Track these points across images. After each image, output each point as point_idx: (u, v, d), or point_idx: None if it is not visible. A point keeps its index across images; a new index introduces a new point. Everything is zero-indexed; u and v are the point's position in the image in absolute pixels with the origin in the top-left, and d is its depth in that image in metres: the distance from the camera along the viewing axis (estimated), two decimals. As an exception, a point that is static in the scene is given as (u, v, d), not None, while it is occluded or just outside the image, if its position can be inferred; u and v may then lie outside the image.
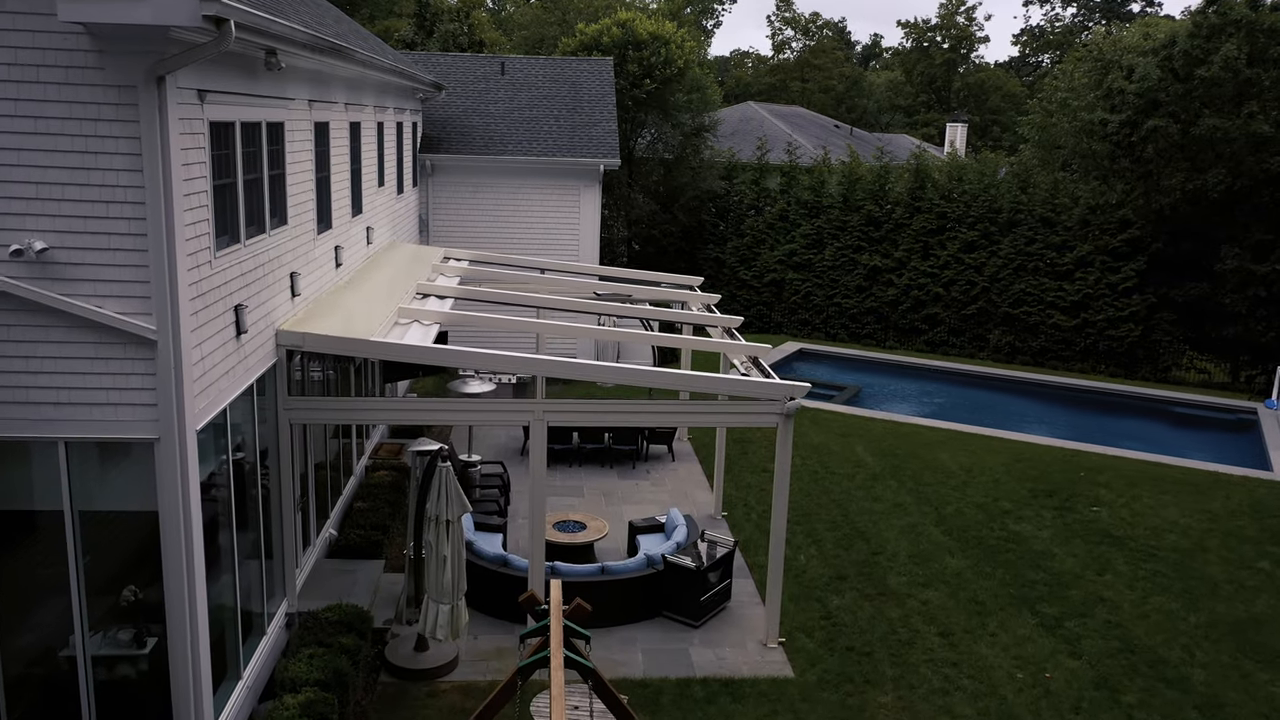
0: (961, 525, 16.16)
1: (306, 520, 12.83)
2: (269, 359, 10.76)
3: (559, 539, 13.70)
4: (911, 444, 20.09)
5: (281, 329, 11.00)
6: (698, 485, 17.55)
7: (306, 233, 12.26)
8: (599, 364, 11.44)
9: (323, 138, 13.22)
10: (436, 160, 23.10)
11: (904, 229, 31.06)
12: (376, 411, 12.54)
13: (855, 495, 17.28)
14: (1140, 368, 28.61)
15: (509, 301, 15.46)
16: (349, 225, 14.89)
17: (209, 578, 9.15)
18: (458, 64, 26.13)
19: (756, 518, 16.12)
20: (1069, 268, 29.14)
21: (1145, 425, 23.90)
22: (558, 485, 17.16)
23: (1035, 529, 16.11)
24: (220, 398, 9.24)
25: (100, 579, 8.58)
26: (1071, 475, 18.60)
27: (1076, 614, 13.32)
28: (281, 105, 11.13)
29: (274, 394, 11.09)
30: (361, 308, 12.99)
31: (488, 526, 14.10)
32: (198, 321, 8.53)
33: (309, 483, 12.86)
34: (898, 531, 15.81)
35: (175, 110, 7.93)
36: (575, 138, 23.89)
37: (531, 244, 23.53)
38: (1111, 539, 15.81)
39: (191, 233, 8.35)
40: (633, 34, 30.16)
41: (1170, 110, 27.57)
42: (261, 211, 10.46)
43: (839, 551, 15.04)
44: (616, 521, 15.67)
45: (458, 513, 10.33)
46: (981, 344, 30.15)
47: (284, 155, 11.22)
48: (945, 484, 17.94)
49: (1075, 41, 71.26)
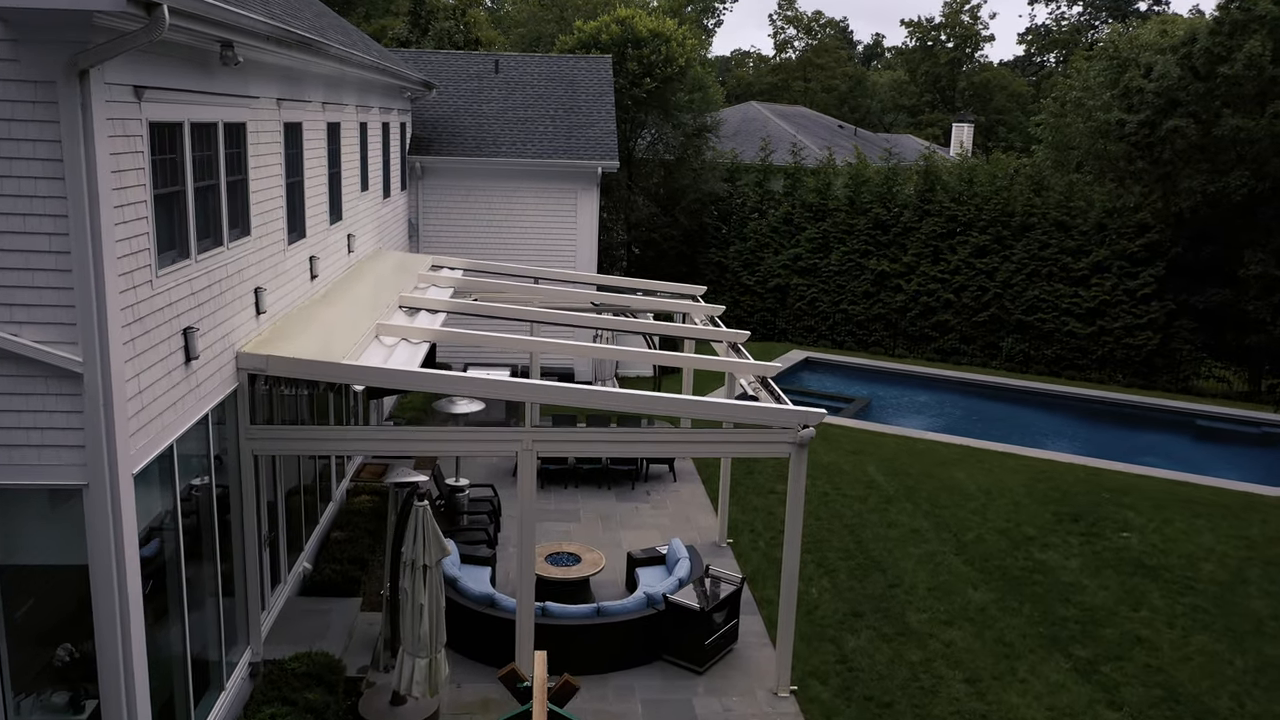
0: (983, 553, 15.11)
1: (276, 556, 11.79)
2: (228, 384, 9.73)
3: (552, 573, 12.65)
4: (926, 462, 19.04)
5: (243, 351, 9.97)
6: (701, 508, 16.51)
7: (275, 243, 11.22)
8: (593, 389, 10.41)
9: (295, 139, 12.18)
10: (427, 163, 22.06)
11: (913, 233, 30.00)
12: (350, 442, 11.45)
13: (869, 520, 16.23)
14: (1159, 377, 27.55)
15: (500, 315, 14.42)
16: (326, 233, 13.85)
17: (155, 631, 8.13)
18: (450, 62, 25.10)
19: (764, 545, 15.08)
20: (1085, 273, 28.09)
21: (1168, 440, 22.86)
22: (552, 509, 16.12)
23: (1062, 557, 15.06)
24: (166, 432, 8.21)
25: (31, 637, 7.55)
26: (1096, 496, 17.55)
27: (1113, 656, 12.28)
28: (244, 104, 10.09)
29: (235, 423, 10.06)
30: (338, 323, 11.96)
31: (475, 559, 13.06)
32: (134, 349, 7.49)
33: (279, 514, 11.83)
34: (915, 561, 14.77)
35: (103, 109, 6.89)
36: (572, 139, 22.86)
37: (526, 250, 22.50)
38: (1144, 569, 14.76)
39: (126, 249, 7.32)
40: (632, 31, 29.14)
41: (1191, 110, 26.52)
42: (218, 222, 9.42)
43: (853, 583, 14.00)
44: (614, 549, 14.63)
45: (436, 557, 9.29)
46: (994, 352, 29.10)
47: (247, 159, 10.18)
48: (964, 507, 16.89)
49: (1081, 40, 70.36)
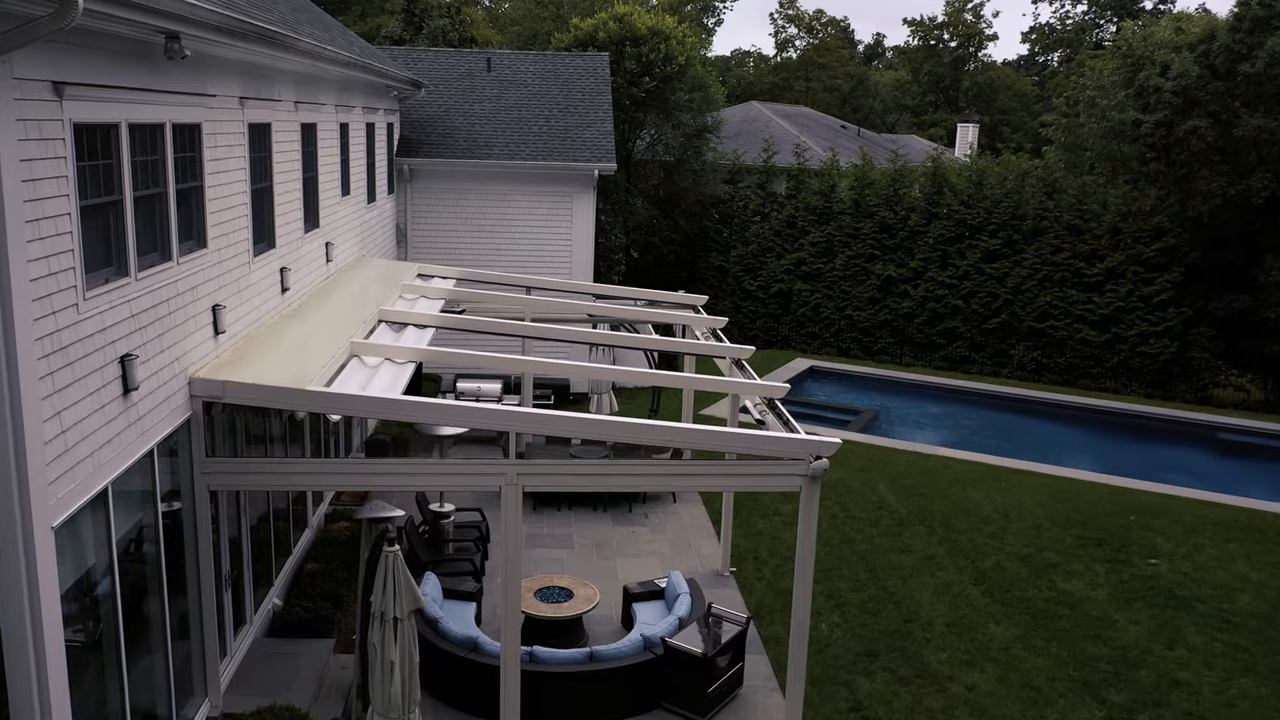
0: (1003, 582, 14.16)
1: (241, 595, 10.84)
2: (179, 414, 8.78)
3: (541, 611, 11.68)
4: (939, 480, 18.08)
5: (197, 377, 9.02)
6: (702, 533, 15.55)
7: (237, 255, 10.27)
8: (585, 416, 9.45)
9: (262, 142, 11.24)
10: (415, 165, 21.10)
11: (920, 237, 29.05)
12: (317, 476, 10.33)
13: (880, 545, 15.27)
14: (1175, 386, 26.59)
15: (490, 330, 13.42)
16: (300, 242, 12.90)
17: (89, 694, 7.18)
18: (440, 60, 24.13)
19: (769, 574, 14.12)
20: (1099, 279, 27.15)
21: (1190, 454, 21.90)
22: (544, 534, 15.16)
23: (1088, 587, 14.10)
24: (99, 474, 7.26)
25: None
26: (1120, 518, 16.59)
27: (1150, 702, 11.32)
28: (199, 103, 9.15)
29: (188, 455, 9.10)
30: (310, 342, 11.00)
31: (460, 594, 12.10)
32: (54, 384, 6.54)
33: (244, 548, 10.87)
34: (932, 592, 13.81)
35: (11, 108, 5.95)
36: (568, 140, 21.90)
37: (520, 255, 21.54)
38: (1176, 600, 13.81)
39: (43, 269, 6.37)
40: (631, 29, 28.18)
41: (1210, 109, 25.57)
42: (166, 235, 8.47)
43: (866, 619, 13.03)
44: (610, 580, 13.67)
45: (408, 608, 8.34)
46: (1004, 360, 28.13)
47: (203, 164, 9.24)
48: (980, 530, 15.94)
49: (1087, 39, 69.42)
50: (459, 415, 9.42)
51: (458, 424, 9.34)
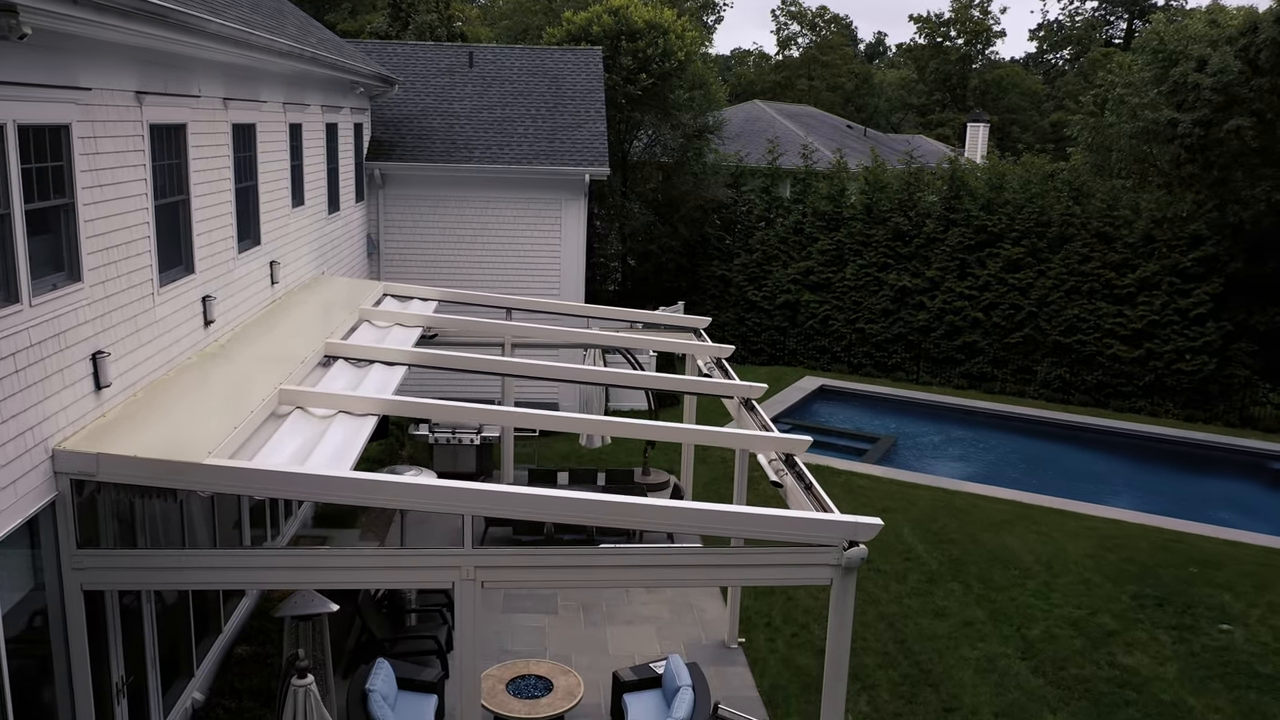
0: (1056, 656, 12.20)
1: (144, 701, 8.87)
2: (37, 497, 6.83)
3: (514, 711, 9.72)
4: (970, 524, 16.13)
5: (62, 449, 7.05)
6: (706, 591, 13.59)
7: (131, 288, 8.31)
8: (568, 495, 7.49)
9: (172, 146, 9.28)
10: (388, 170, 19.14)
11: (937, 244, 27.05)
12: (226, 572, 8.09)
13: (911, 608, 13.32)
14: (1214, 406, 24.62)
15: (465, 368, 11.40)
16: (232, 264, 10.94)
17: None
18: (417, 54, 22.18)
19: (784, 648, 12.17)
20: (1131, 290, 25.15)
21: (1241, 487, 19.96)
22: (523, 595, 13.21)
23: (1154, 662, 12.15)
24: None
25: None
26: (1180, 570, 14.65)
27: (1248, 823, 9.39)
28: (68, 98, 7.19)
29: (53, 546, 7.14)
30: (232, 391, 9.03)
31: (417, 684, 10.15)
32: None
33: (150, 639, 8.91)
34: (974, 670, 11.85)
35: None
36: (556, 142, 19.94)
37: (504, 270, 19.61)
38: (1260, 679, 11.85)
39: None
40: (627, 22, 26.21)
41: (1253, 108, 23.61)
42: (12, 269, 6.52)
43: (899, 705, 11.08)
44: (598, 657, 11.73)
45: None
46: (1028, 377, 26.14)
47: (73, 175, 7.28)
48: (1022, 587, 13.99)
49: (1096, 36, 67.50)
50: (416, 495, 7.42)
51: (416, 506, 7.42)
